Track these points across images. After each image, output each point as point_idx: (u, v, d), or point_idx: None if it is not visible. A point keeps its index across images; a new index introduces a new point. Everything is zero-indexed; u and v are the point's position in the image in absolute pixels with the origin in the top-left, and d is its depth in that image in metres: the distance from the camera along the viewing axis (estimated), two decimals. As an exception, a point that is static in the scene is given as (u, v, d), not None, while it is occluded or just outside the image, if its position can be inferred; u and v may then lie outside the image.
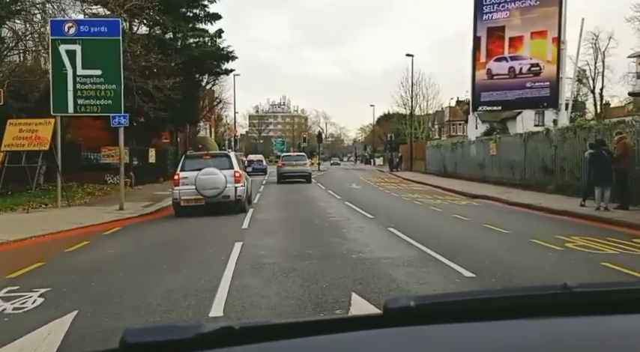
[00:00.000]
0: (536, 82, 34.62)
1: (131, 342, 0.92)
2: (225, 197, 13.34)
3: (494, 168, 24.73)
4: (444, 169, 34.06)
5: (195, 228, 11.52)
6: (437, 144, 37.41)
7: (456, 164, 31.43)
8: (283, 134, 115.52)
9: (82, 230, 11.18)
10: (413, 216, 12.95)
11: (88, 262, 7.76)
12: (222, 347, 0.95)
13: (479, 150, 27.45)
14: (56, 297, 5.59)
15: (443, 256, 7.34)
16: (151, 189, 22.63)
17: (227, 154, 15.26)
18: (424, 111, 54.15)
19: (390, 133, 57.21)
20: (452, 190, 22.20)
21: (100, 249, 8.92)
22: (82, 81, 14.42)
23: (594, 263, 7.05)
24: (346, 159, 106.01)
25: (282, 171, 28.25)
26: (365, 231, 10.22)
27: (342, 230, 10.41)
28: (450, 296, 1.26)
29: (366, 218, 12.37)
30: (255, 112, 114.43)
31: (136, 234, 10.77)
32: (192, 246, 9.09)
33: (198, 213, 13.35)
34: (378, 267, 6.76)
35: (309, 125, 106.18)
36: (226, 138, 63.21)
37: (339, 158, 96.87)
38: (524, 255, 7.78)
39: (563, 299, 1.14)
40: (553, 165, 18.38)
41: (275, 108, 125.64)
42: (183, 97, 21.27)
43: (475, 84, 36.64)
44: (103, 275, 6.74)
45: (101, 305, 5.26)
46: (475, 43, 36.58)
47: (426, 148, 41.31)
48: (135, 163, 24.26)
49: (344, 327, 1.04)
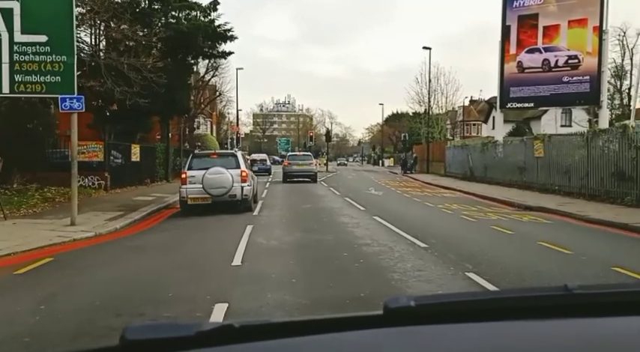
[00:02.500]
0: (574, 76, 30.56)
1: (131, 339, 0.92)
2: (231, 196, 13.39)
3: (540, 172, 20.85)
4: (469, 172, 30.23)
5: (164, 270, 7.40)
6: (461, 144, 33.49)
7: (486, 167, 27.56)
8: (288, 133, 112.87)
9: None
10: (484, 246, 8.90)
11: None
12: (223, 345, 0.94)
13: (517, 152, 23.56)
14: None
15: None
16: (131, 193, 18.81)
17: (234, 153, 15.27)
18: (442, 109, 50.01)
19: (403, 132, 53.20)
20: (493, 199, 18.36)
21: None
22: (22, 50, 10.57)
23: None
24: (352, 159, 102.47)
25: (287, 170, 27.85)
26: (435, 281, 6.31)
27: (391, 274, 6.52)
28: (450, 296, 1.27)
29: (417, 248, 8.36)
30: (259, 111, 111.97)
31: (59, 280, 6.53)
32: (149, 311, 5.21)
33: (170, 248, 9.53)
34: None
35: (314, 124, 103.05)
36: (229, 136, 59.32)
37: (345, 158, 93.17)
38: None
39: (563, 300, 1.13)
40: (634, 172, 14.48)
41: (280, 107, 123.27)
42: (170, 82, 17.44)
43: (503, 78, 32.82)
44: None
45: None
46: (504, 33, 32.70)
47: (446, 149, 37.49)
48: (118, 161, 20.48)
49: (344, 326, 1.04)
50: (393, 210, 14.19)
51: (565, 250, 8.23)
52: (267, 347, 0.97)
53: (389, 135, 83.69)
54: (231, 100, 57.52)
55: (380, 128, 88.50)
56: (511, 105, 32.59)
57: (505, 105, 32.65)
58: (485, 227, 11.21)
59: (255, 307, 5.15)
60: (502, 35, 32.50)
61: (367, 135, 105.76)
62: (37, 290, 6.00)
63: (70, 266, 7.53)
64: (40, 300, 5.43)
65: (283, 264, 7.22)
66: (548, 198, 17.32)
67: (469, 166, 30.41)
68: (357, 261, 7.33)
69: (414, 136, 55.03)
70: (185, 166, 14.42)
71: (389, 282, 6.17)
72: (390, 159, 70.96)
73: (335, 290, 5.83)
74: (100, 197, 16.99)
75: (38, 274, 6.89)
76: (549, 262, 7.47)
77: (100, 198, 16.84)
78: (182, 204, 13.74)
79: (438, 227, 11.22)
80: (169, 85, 17.74)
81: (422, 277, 6.36)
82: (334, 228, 10.80)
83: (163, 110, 18.78)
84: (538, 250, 8.42)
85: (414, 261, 7.36)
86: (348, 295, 5.45)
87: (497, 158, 26.06)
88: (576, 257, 7.86)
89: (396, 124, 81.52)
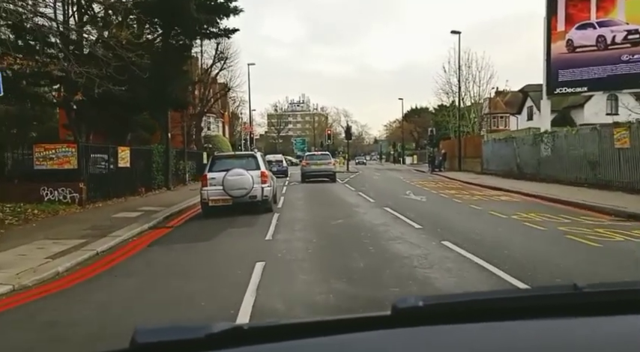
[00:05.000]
0: (635, 53, 26.35)
1: (142, 342, 0.92)
2: (252, 197, 13.29)
3: (622, 167, 16.70)
4: (516, 169, 26.08)
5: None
6: (505, 137, 29.23)
7: (540, 163, 23.38)
8: (303, 133, 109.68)
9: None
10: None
11: None
12: (233, 347, 0.95)
13: (585, 143, 19.34)
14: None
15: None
16: (115, 207, 15.03)
17: (254, 155, 15.24)
18: (475, 99, 45.47)
19: (430, 127, 48.90)
20: (569, 203, 14.35)
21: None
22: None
23: None
24: (369, 157, 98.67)
25: (306, 170, 27.62)
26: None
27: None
28: (458, 296, 1.25)
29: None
30: (273, 111, 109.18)
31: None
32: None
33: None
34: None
35: (329, 123, 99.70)
36: (243, 137, 55.62)
37: (363, 157, 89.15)
38: None
39: (572, 299, 1.13)
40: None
41: (294, 107, 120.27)
42: (159, 68, 13.67)
43: (550, 59, 28.61)
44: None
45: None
46: (550, 8, 28.61)
47: (482, 143, 33.31)
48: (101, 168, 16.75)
49: (353, 327, 1.03)
50: (460, 227, 10.21)
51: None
52: (276, 349, 0.97)
53: (410, 131, 79.47)
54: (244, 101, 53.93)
55: (399, 124, 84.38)
56: (560, 90, 28.41)
57: (553, 91, 28.40)
58: (627, 256, 7.19)
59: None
60: (548, 10, 28.30)
61: (384, 132, 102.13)
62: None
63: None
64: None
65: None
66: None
67: (516, 162, 26.25)
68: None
69: (441, 131, 50.84)
70: (206, 169, 14.41)
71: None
72: (414, 156, 66.58)
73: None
74: (69, 215, 13.23)
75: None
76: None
77: (68, 216, 13.08)
78: (203, 206, 13.66)
79: (552, 261, 7.17)
80: (158, 71, 13.92)
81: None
82: (394, 270, 6.79)
83: (151, 102, 14.89)
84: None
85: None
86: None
87: (556, 151, 21.86)
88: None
89: (416, 120, 77.49)
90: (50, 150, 14.25)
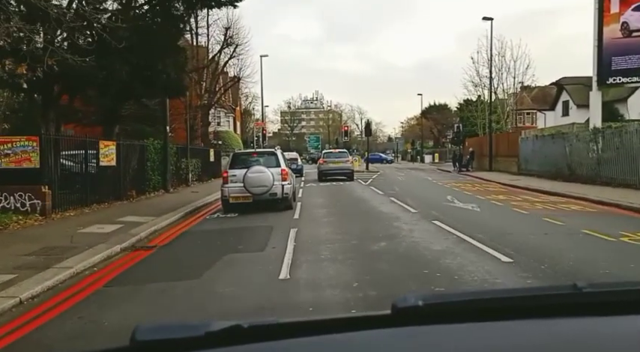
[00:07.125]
0: None
1: (141, 340, 0.91)
2: (272, 194, 13.17)
3: None
4: (567, 170, 22.62)
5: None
6: (554, 133, 25.67)
7: (600, 163, 19.91)
8: (317, 130, 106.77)
9: None
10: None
11: None
12: (232, 345, 0.94)
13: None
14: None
15: None
16: (87, 217, 11.81)
17: (274, 152, 15.18)
18: (508, 91, 41.69)
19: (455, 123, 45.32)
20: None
21: None
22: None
23: None
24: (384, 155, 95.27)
25: (323, 168, 26.88)
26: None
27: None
28: (458, 295, 1.23)
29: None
30: (287, 108, 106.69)
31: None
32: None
33: None
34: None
35: (344, 120, 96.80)
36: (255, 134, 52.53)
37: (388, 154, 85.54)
38: None
39: (572, 299, 1.12)
40: None
41: (307, 104, 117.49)
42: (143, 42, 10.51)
43: (602, 45, 24.98)
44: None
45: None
46: (602, -14, 25.00)
47: (520, 141, 29.78)
48: (90, 166, 13.69)
49: (352, 326, 1.02)
50: (569, 260, 6.87)
51: None
52: (275, 348, 0.96)
53: (430, 128, 75.88)
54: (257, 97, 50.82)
55: (417, 121, 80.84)
56: (614, 80, 24.82)
57: (605, 82, 24.77)
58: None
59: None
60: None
61: (401, 129, 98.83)
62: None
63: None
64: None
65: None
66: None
67: (567, 162, 22.76)
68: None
69: (468, 127, 47.30)
70: (227, 165, 14.53)
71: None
72: (435, 154, 62.94)
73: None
74: (21, 230, 10.04)
75: None
76: None
77: (19, 231, 9.88)
78: (224, 203, 13.63)
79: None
80: (142, 43, 10.72)
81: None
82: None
83: (135, 84, 11.65)
84: None
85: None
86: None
87: (623, 150, 18.39)
88: None
89: (436, 117, 73.86)
90: (5, 144, 11.13)
